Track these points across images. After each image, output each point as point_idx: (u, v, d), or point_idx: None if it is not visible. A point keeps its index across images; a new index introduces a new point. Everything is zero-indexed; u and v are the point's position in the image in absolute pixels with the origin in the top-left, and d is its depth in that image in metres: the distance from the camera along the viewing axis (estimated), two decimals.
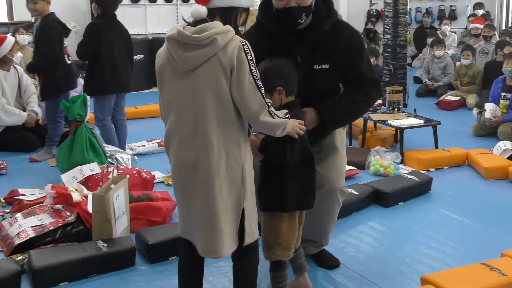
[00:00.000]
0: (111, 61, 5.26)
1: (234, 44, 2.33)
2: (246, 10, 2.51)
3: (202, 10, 2.37)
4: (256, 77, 2.35)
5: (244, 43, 2.34)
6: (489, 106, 6.16)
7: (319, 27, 2.84)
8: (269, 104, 2.39)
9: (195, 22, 2.38)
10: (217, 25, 2.35)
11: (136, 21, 10.11)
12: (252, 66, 2.34)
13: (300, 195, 2.68)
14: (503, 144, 5.34)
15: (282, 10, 2.74)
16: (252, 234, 2.48)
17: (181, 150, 2.41)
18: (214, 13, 2.41)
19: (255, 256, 2.58)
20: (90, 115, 6.04)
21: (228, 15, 2.44)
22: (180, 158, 2.42)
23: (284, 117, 2.45)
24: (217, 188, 2.36)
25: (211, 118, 2.34)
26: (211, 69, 2.33)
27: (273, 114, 2.39)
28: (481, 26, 9.43)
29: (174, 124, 2.42)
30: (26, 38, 7.47)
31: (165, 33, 2.49)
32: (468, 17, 11.29)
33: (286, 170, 2.61)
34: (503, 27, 11.78)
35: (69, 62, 5.62)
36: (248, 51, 2.34)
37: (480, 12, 11.11)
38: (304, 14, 2.75)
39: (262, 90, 2.36)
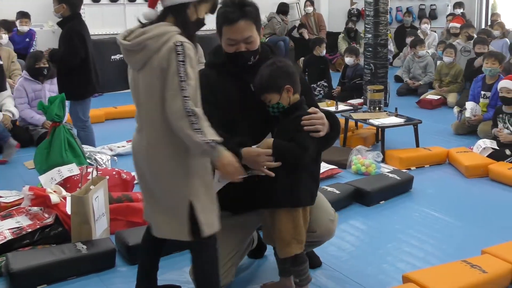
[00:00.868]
0: (93, 63, 5.24)
1: (168, 46, 2.38)
2: (202, 1, 2.53)
3: (149, 13, 2.50)
4: (182, 79, 2.35)
5: (179, 44, 2.37)
6: (469, 105, 6.20)
7: (266, 58, 2.84)
8: (192, 113, 2.35)
9: (150, 23, 2.48)
10: (156, 29, 2.43)
11: (115, 20, 10.04)
12: (181, 67, 2.36)
13: (311, 189, 2.80)
14: (483, 143, 5.38)
15: (232, 54, 2.81)
16: (210, 225, 2.55)
17: (133, 139, 2.65)
18: (167, 13, 2.50)
19: (214, 252, 2.63)
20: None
21: (178, 12, 2.49)
22: (132, 147, 2.68)
23: (210, 139, 2.38)
24: (155, 179, 2.55)
25: (151, 118, 2.48)
26: (147, 73, 2.44)
27: (195, 127, 2.36)
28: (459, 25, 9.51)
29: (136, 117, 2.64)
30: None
31: None
32: (447, 16, 11.37)
33: (299, 167, 2.69)
34: (483, 26, 11.88)
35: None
36: (180, 52, 2.37)
37: (459, 11, 11.20)
38: (253, 57, 2.82)
39: (186, 93, 2.35)
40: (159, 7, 2.55)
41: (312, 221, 2.89)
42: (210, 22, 2.82)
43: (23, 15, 8.58)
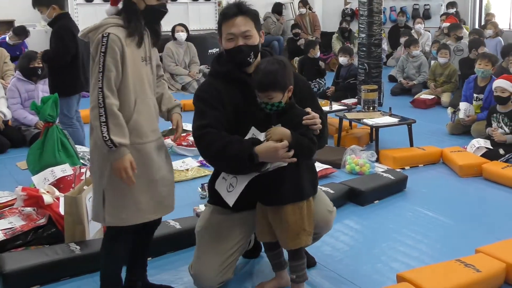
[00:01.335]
0: (81, 60, 5.24)
1: (97, 38, 2.51)
2: None
3: (109, 9, 2.70)
4: (100, 69, 2.47)
5: (106, 35, 2.49)
6: (463, 106, 6.20)
7: None
8: (101, 104, 2.46)
9: None
10: (102, 22, 2.57)
11: None
12: (101, 58, 2.48)
13: (313, 180, 2.90)
14: (476, 142, 5.39)
15: (232, 49, 2.83)
16: (114, 217, 2.62)
17: None
18: (121, 9, 2.66)
19: (119, 246, 2.74)
20: None
21: (124, 3, 2.63)
22: None
23: (110, 138, 2.46)
24: (90, 165, 2.76)
25: None
26: None
27: (101, 119, 2.46)
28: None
29: None
30: None
31: None
32: (441, 16, 11.39)
33: (300, 162, 2.74)
34: (476, 26, 11.92)
35: None
36: (104, 43, 2.49)
37: (451, 11, 11.23)
38: (252, 53, 2.84)
39: (100, 84, 2.47)
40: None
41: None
42: (204, 22, 2.84)
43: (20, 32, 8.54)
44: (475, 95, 6.24)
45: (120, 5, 2.67)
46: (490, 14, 11.59)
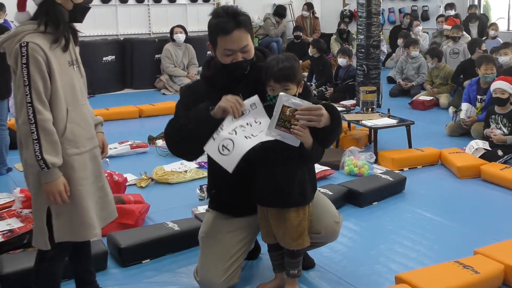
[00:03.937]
0: None
1: (15, 49, 2.31)
2: None
3: (18, 16, 2.46)
4: (26, 83, 2.29)
5: (24, 44, 2.29)
6: (464, 107, 6.19)
7: (258, 66, 2.82)
8: (32, 121, 2.30)
9: None
10: (17, 30, 2.36)
11: (107, 21, 10.00)
12: (24, 70, 2.29)
13: (313, 184, 2.95)
14: (475, 143, 5.39)
15: (229, 64, 2.78)
16: (64, 231, 2.53)
17: None
18: (39, 11, 2.44)
19: (51, 265, 2.66)
20: None
21: (47, 7, 2.41)
22: None
23: (43, 157, 2.32)
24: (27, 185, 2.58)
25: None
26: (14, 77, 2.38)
27: (34, 136, 2.31)
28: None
29: None
30: None
31: (137, 34, 2.49)
32: (437, 18, 11.38)
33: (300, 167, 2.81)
34: None
35: None
36: (24, 53, 2.29)
37: (451, 12, 11.22)
38: (249, 66, 2.81)
39: (29, 99, 2.30)
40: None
41: (318, 223, 2.95)
42: (202, 24, 2.82)
43: None
44: (478, 97, 6.23)
45: (28, 10, 2.47)
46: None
